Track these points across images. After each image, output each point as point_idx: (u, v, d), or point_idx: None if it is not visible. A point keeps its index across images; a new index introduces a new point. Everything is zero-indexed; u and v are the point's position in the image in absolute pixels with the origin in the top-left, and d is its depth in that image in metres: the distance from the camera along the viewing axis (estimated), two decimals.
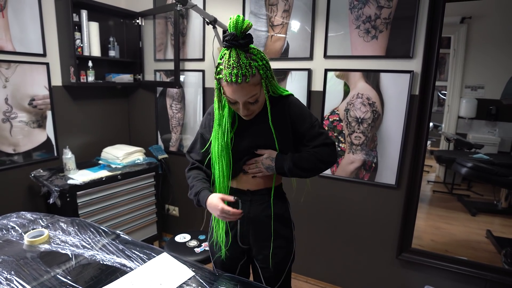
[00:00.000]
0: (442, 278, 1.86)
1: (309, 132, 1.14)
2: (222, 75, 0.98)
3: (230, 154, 1.14)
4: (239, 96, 1.00)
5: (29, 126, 2.09)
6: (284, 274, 1.26)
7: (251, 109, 1.05)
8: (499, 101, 2.16)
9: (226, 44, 0.96)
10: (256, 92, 1.01)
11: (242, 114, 1.06)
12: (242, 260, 1.28)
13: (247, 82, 0.96)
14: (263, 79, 1.02)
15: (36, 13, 2.03)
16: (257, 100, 1.04)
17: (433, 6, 1.64)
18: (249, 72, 0.96)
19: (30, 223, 1.46)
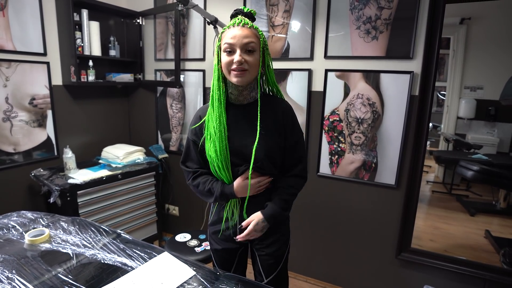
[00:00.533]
0: (441, 278, 1.87)
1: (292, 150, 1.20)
2: (224, 31, 1.08)
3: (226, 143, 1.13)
4: (238, 38, 1.04)
5: (30, 125, 2.09)
6: (281, 263, 1.30)
7: (245, 59, 1.05)
8: (498, 101, 2.17)
9: (233, 13, 1.13)
10: (255, 41, 1.06)
11: (235, 63, 1.04)
12: (239, 250, 1.32)
13: (249, 27, 1.06)
14: (262, 46, 1.09)
15: (36, 12, 2.03)
16: (253, 51, 1.06)
17: (433, 7, 1.65)
18: (251, 24, 1.08)
19: (30, 222, 1.46)
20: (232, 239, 1.27)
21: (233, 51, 1.05)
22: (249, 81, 1.10)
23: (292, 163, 1.22)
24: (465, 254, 2.07)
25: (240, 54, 1.04)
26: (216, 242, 1.31)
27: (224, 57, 1.07)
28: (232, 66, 1.06)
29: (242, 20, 1.07)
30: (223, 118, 1.12)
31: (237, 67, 1.04)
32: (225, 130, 1.12)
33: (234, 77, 1.06)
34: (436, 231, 2.28)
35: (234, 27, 1.06)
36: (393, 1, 1.73)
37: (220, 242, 1.30)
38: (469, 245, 2.18)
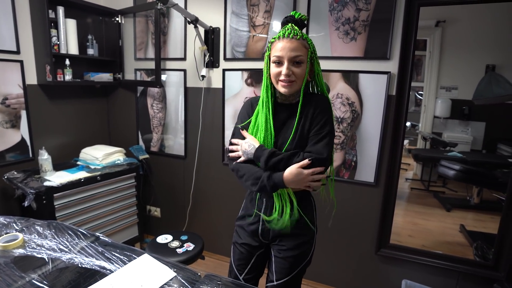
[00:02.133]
0: (419, 272, 1.93)
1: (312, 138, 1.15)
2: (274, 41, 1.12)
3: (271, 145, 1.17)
4: (287, 51, 1.07)
5: (2, 126, 2.01)
6: (295, 272, 1.26)
7: (293, 71, 1.09)
8: (471, 101, 2.26)
9: (284, 20, 1.16)
10: (302, 54, 1.09)
11: (283, 75, 1.10)
12: (259, 250, 1.32)
13: (297, 39, 1.08)
14: (310, 57, 1.12)
15: (8, 9, 1.95)
16: (301, 63, 1.10)
17: (409, 9, 1.70)
18: (301, 35, 1.10)
19: (3, 227, 1.40)
20: (256, 236, 1.27)
21: (281, 63, 1.10)
22: (296, 90, 1.15)
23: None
24: (442, 248, 2.14)
25: (287, 67, 1.09)
26: (239, 235, 1.33)
27: (273, 68, 1.13)
28: (280, 77, 1.11)
29: (291, 31, 1.09)
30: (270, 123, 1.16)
31: (285, 79, 1.10)
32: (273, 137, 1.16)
33: (282, 87, 1.13)
34: (414, 227, 2.35)
35: (283, 38, 1.09)
36: (370, 3, 1.77)
37: (243, 236, 1.31)
38: (445, 239, 2.26)
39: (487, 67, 2.17)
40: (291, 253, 1.24)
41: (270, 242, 1.29)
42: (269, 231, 1.25)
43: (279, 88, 1.14)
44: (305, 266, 1.29)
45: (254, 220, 1.27)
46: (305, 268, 1.30)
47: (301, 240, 1.24)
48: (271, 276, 1.31)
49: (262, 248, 1.32)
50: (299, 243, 1.24)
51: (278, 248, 1.26)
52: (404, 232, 2.25)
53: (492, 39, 2.16)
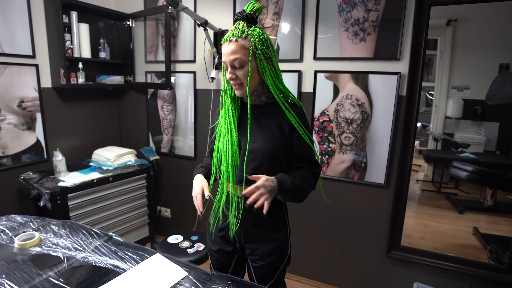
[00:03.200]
0: (430, 275, 1.91)
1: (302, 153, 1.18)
2: None
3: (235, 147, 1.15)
4: (227, 55, 1.06)
5: (18, 128, 2.07)
6: (276, 276, 1.26)
7: (235, 75, 1.08)
8: (484, 101, 2.22)
9: (234, 19, 1.11)
10: (240, 55, 1.05)
11: (228, 79, 1.11)
12: (236, 254, 1.30)
13: (235, 41, 1.05)
14: (255, 51, 1.06)
15: (25, 14, 2.01)
16: (243, 65, 1.07)
17: (419, 9, 1.69)
18: (239, 35, 1.05)
19: (20, 226, 1.44)
20: (228, 240, 1.26)
21: (227, 68, 1.10)
22: (251, 90, 1.12)
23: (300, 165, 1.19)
24: (454, 251, 2.10)
25: (230, 71, 1.08)
26: (211, 243, 1.32)
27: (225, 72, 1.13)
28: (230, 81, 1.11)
29: (230, 34, 1.06)
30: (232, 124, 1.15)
31: (232, 83, 1.10)
32: (236, 135, 1.15)
33: (234, 89, 1.13)
34: (426, 229, 2.31)
35: (224, 43, 1.08)
36: (380, 3, 1.76)
37: (215, 242, 1.30)
38: (458, 242, 2.22)
39: (501, 66, 2.13)
40: (268, 260, 1.22)
41: (243, 245, 1.25)
42: (240, 235, 1.22)
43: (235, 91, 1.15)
44: (284, 267, 1.28)
45: (223, 225, 1.25)
46: (285, 269, 1.29)
47: (275, 244, 1.21)
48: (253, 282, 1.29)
49: (238, 251, 1.30)
50: (273, 248, 1.21)
51: (253, 258, 1.25)
52: (415, 234, 2.22)
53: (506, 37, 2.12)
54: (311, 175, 1.19)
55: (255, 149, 1.13)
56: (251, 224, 1.21)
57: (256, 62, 1.08)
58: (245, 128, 1.16)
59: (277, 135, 1.14)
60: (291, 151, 1.17)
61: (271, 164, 1.14)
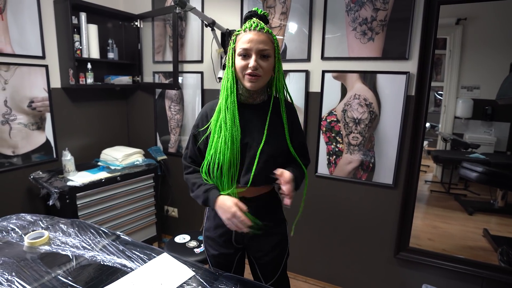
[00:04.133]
0: (440, 277, 1.88)
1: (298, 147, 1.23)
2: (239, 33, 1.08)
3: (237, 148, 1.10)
4: (255, 43, 1.03)
5: (28, 128, 2.10)
6: (280, 269, 1.29)
7: (260, 65, 1.05)
8: (495, 101, 2.18)
9: (247, 14, 1.12)
10: (269, 48, 1.06)
11: (250, 68, 1.04)
12: (237, 255, 1.30)
13: (264, 32, 1.06)
14: (276, 52, 1.10)
15: (35, 16, 2.04)
16: (269, 56, 1.06)
17: (428, 8, 1.67)
18: (267, 29, 1.07)
19: (30, 224, 1.46)
20: (230, 244, 1.24)
21: (249, 56, 1.05)
22: (261, 86, 1.11)
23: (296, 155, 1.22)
24: (464, 252, 2.08)
25: (255, 60, 1.04)
26: (212, 248, 1.28)
27: (238, 61, 1.07)
28: (246, 71, 1.06)
29: (258, 24, 1.06)
30: (237, 120, 1.10)
31: (252, 72, 1.04)
32: (239, 132, 1.10)
33: (248, 81, 1.07)
34: (434, 230, 2.29)
35: (250, 31, 1.05)
36: (388, 2, 1.74)
37: (217, 247, 1.27)
38: (468, 243, 2.19)
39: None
40: (271, 256, 1.25)
41: (245, 245, 1.27)
42: (242, 236, 1.21)
43: (244, 83, 1.08)
44: (286, 260, 1.32)
45: (224, 229, 1.19)
46: (286, 262, 1.33)
47: (276, 239, 1.25)
48: (258, 281, 1.29)
49: (239, 252, 1.29)
50: (275, 243, 1.24)
51: (256, 255, 1.26)
52: (423, 236, 2.20)
53: None
54: (302, 167, 1.23)
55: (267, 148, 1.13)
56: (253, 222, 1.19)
57: (274, 60, 1.10)
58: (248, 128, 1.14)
59: (282, 132, 1.15)
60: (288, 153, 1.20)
61: (274, 163, 1.15)
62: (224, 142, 1.09)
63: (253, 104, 1.16)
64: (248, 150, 1.13)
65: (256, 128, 1.14)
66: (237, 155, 1.11)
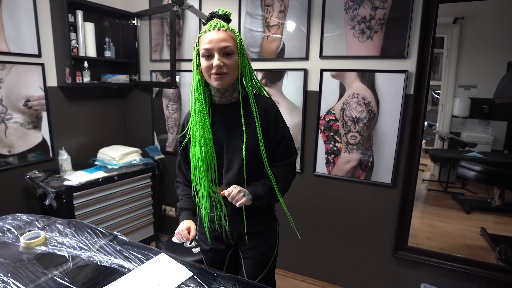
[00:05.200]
0: (438, 276, 1.88)
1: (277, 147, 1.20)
2: (201, 35, 1.09)
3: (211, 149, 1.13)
4: (215, 42, 1.04)
5: (24, 127, 2.08)
6: (266, 270, 1.29)
7: (224, 63, 1.05)
8: (492, 100, 2.19)
9: (208, 16, 1.13)
10: (231, 44, 1.07)
11: (214, 67, 1.05)
12: (229, 251, 1.31)
13: (225, 30, 1.07)
14: (238, 48, 1.10)
15: (31, 14, 2.02)
16: (231, 54, 1.07)
17: (427, 7, 1.67)
18: (227, 27, 1.09)
19: (26, 225, 1.45)
20: (220, 239, 1.26)
21: (212, 56, 1.06)
22: (229, 83, 1.11)
23: (279, 159, 1.22)
24: (462, 251, 2.08)
25: (218, 58, 1.05)
26: (203, 242, 1.31)
27: (203, 62, 1.08)
28: (212, 71, 1.07)
29: (217, 24, 1.07)
30: (207, 121, 1.12)
31: (217, 71, 1.06)
32: (210, 133, 1.12)
33: (215, 80, 1.08)
34: (432, 229, 2.29)
35: (210, 31, 1.07)
36: (387, 1, 1.74)
37: (207, 242, 1.29)
38: (465, 242, 2.19)
39: (509, 64, 2.10)
40: (258, 251, 1.25)
41: (236, 242, 1.27)
42: (233, 232, 1.22)
43: (212, 82, 1.09)
44: (274, 261, 1.32)
45: (213, 227, 1.24)
46: (274, 263, 1.32)
47: (265, 237, 1.26)
48: (244, 276, 1.30)
49: (231, 248, 1.30)
50: (263, 241, 1.25)
51: (244, 249, 1.27)
52: (421, 235, 2.20)
53: None
54: (285, 169, 1.21)
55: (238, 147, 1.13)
56: (242, 220, 1.19)
57: (238, 56, 1.10)
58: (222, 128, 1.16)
59: (257, 131, 1.13)
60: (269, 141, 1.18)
61: (254, 160, 1.14)
62: (199, 145, 1.12)
63: (226, 104, 1.17)
64: (226, 151, 1.15)
65: (231, 128, 1.15)
66: (212, 156, 1.13)
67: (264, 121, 1.15)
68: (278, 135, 1.18)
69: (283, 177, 1.19)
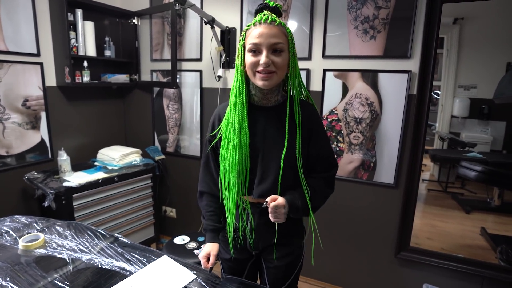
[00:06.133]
0: (440, 276, 1.88)
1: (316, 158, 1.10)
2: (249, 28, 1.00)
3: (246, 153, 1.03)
4: (265, 37, 0.94)
5: (22, 128, 2.05)
6: (289, 281, 1.21)
7: (272, 61, 0.96)
8: (492, 100, 2.19)
9: (258, 7, 1.01)
10: (282, 41, 0.97)
11: (262, 65, 0.96)
12: (250, 261, 1.24)
13: (276, 25, 0.96)
14: (290, 46, 1.00)
15: (29, 12, 1.99)
16: (282, 51, 0.97)
17: (431, 7, 1.66)
18: (279, 21, 0.98)
19: (24, 227, 1.42)
20: (243, 249, 1.19)
21: (259, 51, 0.96)
22: (275, 84, 1.01)
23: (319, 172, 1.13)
24: (462, 251, 2.08)
25: (267, 55, 0.95)
26: (225, 251, 1.22)
27: (248, 58, 0.98)
28: (258, 68, 0.97)
29: (269, 17, 0.96)
30: (245, 123, 1.02)
31: (264, 69, 0.96)
32: (247, 137, 1.03)
33: (260, 80, 0.98)
34: (433, 229, 2.29)
35: (260, 24, 0.96)
36: (390, 1, 1.73)
37: (229, 251, 1.20)
38: (466, 242, 2.19)
39: (508, 65, 2.10)
40: (282, 262, 1.16)
41: (260, 252, 1.19)
42: (259, 241, 1.15)
43: (256, 82, 0.99)
44: (298, 271, 1.24)
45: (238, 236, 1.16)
46: (298, 273, 1.25)
47: (292, 248, 1.17)
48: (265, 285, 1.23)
49: (252, 258, 1.23)
50: (289, 251, 1.17)
51: (269, 258, 1.18)
52: (422, 235, 2.19)
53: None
54: (325, 183, 1.13)
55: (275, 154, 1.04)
56: (270, 231, 1.13)
57: (288, 55, 1.00)
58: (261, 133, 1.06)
59: (296, 139, 1.04)
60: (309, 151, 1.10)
61: (292, 171, 1.05)
62: (232, 148, 1.02)
63: (267, 106, 1.07)
64: (262, 158, 1.05)
65: (270, 133, 1.05)
66: (246, 162, 1.04)
67: (306, 130, 1.06)
68: (319, 146, 1.09)
69: (321, 191, 1.11)
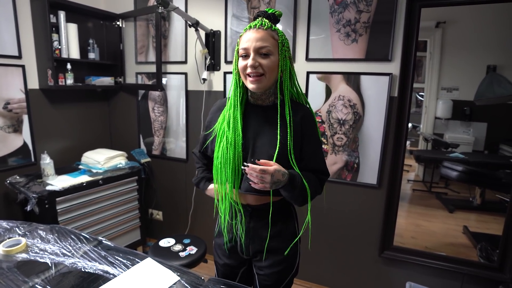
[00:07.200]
0: (422, 274, 1.92)
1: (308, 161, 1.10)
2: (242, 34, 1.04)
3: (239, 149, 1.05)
4: (252, 41, 0.99)
5: (4, 131, 2.01)
6: (282, 286, 1.20)
7: (260, 63, 1.00)
8: (473, 102, 2.26)
9: (255, 15, 1.07)
10: (269, 45, 1.00)
11: (249, 67, 1.00)
12: (243, 267, 1.24)
13: (264, 29, 1.01)
14: (280, 49, 1.03)
15: (10, 14, 1.96)
16: (269, 54, 1.00)
17: (410, 11, 1.70)
18: (269, 26, 1.02)
19: (5, 231, 1.40)
20: (234, 253, 1.19)
21: (248, 56, 1.01)
22: (266, 87, 1.04)
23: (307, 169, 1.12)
24: (445, 249, 2.13)
25: (253, 58, 0.99)
26: (218, 255, 1.25)
27: (240, 62, 1.04)
28: (247, 71, 1.01)
29: (259, 22, 1.02)
30: (239, 125, 1.06)
31: (252, 72, 1.00)
32: (240, 138, 1.06)
33: (250, 83, 1.02)
34: (417, 229, 2.34)
35: (249, 30, 1.02)
36: (371, 4, 1.77)
37: (222, 256, 1.23)
38: (449, 241, 2.25)
39: (488, 67, 2.17)
40: (275, 269, 1.15)
41: (252, 257, 1.19)
42: (249, 246, 1.15)
43: (247, 85, 1.03)
44: (291, 278, 1.22)
45: (230, 237, 1.17)
46: (292, 279, 1.23)
47: (282, 256, 1.15)
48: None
49: (244, 265, 1.23)
50: (282, 258, 1.15)
51: (260, 266, 1.17)
52: (406, 234, 2.24)
53: (493, 39, 2.16)
54: (318, 180, 1.13)
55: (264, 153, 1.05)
56: (260, 235, 1.14)
57: (279, 58, 1.03)
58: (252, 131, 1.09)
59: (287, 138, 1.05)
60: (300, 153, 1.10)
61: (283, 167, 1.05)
62: (225, 147, 1.06)
63: (262, 105, 1.11)
64: (251, 155, 1.07)
65: (261, 132, 1.08)
66: (239, 161, 1.06)
67: (299, 131, 1.07)
68: (310, 149, 1.10)
69: (314, 185, 1.09)
